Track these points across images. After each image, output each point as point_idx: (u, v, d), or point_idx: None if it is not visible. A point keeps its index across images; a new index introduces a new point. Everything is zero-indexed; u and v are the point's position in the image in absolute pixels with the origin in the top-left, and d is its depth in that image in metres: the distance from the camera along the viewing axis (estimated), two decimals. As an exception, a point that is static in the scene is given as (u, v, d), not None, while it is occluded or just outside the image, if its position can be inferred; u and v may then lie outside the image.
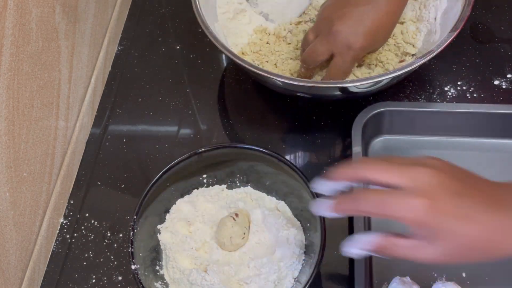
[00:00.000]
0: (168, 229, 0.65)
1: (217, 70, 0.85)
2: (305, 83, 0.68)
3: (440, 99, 0.77)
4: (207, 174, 0.68)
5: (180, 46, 0.88)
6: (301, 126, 0.77)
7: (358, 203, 0.47)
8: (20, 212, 0.64)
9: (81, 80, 0.78)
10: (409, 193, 0.45)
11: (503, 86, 0.78)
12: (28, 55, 0.63)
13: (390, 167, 0.47)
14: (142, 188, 0.64)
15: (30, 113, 0.64)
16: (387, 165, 0.47)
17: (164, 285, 0.62)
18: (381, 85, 0.69)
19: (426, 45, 0.75)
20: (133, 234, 0.61)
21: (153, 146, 0.78)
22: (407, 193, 0.45)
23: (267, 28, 0.81)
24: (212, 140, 0.78)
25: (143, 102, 0.82)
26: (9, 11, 0.58)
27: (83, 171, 0.77)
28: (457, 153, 0.73)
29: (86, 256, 0.69)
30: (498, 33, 0.84)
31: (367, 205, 0.47)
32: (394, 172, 0.46)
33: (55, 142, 0.71)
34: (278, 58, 0.78)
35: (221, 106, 0.81)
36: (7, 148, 0.60)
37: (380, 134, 0.75)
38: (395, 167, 0.47)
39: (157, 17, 0.92)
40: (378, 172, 0.47)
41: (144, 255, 0.62)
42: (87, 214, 0.73)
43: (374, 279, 0.64)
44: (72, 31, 0.74)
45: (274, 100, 0.80)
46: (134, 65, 0.87)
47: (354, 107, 0.74)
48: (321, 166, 0.73)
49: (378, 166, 0.47)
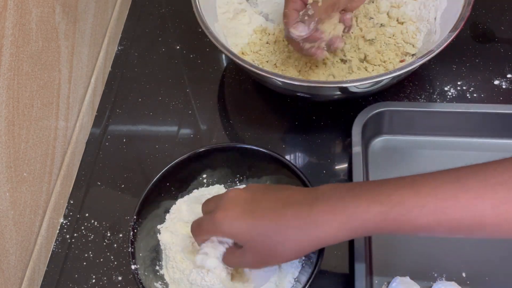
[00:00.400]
0: (168, 229, 0.65)
1: (217, 70, 0.85)
2: (305, 83, 0.68)
3: (440, 99, 0.77)
4: (207, 174, 0.68)
5: (180, 46, 0.88)
6: (301, 126, 0.77)
7: (193, 234, 0.59)
8: (20, 212, 0.64)
9: (81, 80, 0.78)
10: (213, 212, 0.55)
11: (503, 86, 0.78)
12: (28, 55, 0.63)
13: (201, 220, 0.58)
14: (142, 188, 0.64)
15: (30, 113, 0.64)
16: (198, 222, 0.58)
17: (164, 285, 0.62)
18: (381, 85, 0.69)
19: (426, 45, 0.75)
20: (133, 234, 0.61)
21: (153, 146, 0.78)
22: (212, 213, 0.55)
23: (267, 28, 0.81)
24: (212, 140, 0.78)
25: (143, 102, 0.82)
26: (9, 11, 0.58)
27: (83, 171, 0.77)
28: (457, 153, 0.73)
29: (86, 256, 0.69)
30: (498, 33, 0.84)
31: (193, 233, 0.58)
32: (203, 222, 0.57)
33: (55, 142, 0.71)
34: (278, 58, 0.78)
35: (221, 106, 0.81)
36: (7, 148, 0.60)
37: (380, 134, 0.75)
38: (203, 218, 0.58)
39: (157, 17, 0.92)
40: (198, 234, 0.58)
41: (144, 255, 0.62)
42: (87, 214, 0.73)
43: (374, 279, 0.64)
44: (72, 31, 0.74)
45: (274, 100, 0.80)
46: (134, 65, 0.87)
47: (354, 107, 0.74)
48: (321, 166, 0.73)
49: (194, 227, 0.58)
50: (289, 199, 0.53)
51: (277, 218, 0.52)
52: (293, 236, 0.52)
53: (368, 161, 0.73)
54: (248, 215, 0.53)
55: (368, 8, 0.81)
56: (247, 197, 0.55)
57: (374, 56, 0.76)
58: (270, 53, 0.78)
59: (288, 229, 0.51)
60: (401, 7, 0.80)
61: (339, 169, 0.73)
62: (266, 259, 0.54)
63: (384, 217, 0.48)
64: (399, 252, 0.66)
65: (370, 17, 0.80)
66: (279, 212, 0.52)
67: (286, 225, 0.52)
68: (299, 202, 0.52)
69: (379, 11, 0.81)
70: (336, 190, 0.52)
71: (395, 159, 0.74)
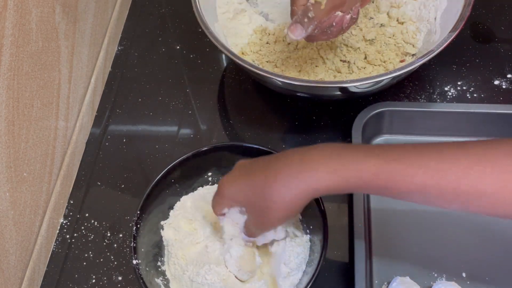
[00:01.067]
0: (172, 226, 0.65)
1: (217, 70, 0.85)
2: (305, 83, 0.68)
3: (440, 99, 0.77)
4: (212, 172, 0.68)
5: (180, 46, 0.88)
6: (301, 126, 0.77)
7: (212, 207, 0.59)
8: (20, 212, 0.64)
9: (81, 80, 0.78)
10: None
11: (503, 86, 0.78)
12: (28, 55, 0.63)
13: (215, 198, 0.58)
14: (142, 188, 0.64)
15: (30, 113, 0.64)
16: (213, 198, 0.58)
17: (165, 281, 0.62)
18: (381, 85, 0.69)
19: (426, 45, 0.75)
20: (136, 230, 0.61)
21: (153, 146, 0.78)
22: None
23: (267, 28, 0.81)
24: (212, 140, 0.78)
25: (143, 102, 0.82)
26: (9, 11, 0.58)
27: (83, 171, 0.77)
28: (457, 153, 0.73)
29: (86, 256, 0.69)
30: (498, 33, 0.84)
31: (212, 206, 0.58)
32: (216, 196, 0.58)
33: (55, 142, 0.71)
34: (278, 58, 0.78)
35: (221, 106, 0.81)
36: (7, 148, 0.60)
37: (380, 134, 0.75)
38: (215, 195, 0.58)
39: (157, 17, 0.92)
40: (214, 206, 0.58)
41: (146, 250, 0.62)
42: (87, 214, 0.73)
43: (374, 279, 0.64)
44: (72, 31, 0.74)
45: (274, 100, 0.80)
46: (134, 65, 0.87)
47: (354, 107, 0.74)
48: (321, 166, 0.73)
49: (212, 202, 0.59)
50: (283, 155, 0.53)
51: (268, 172, 0.52)
52: (283, 186, 0.50)
53: (368, 161, 0.73)
54: (244, 176, 0.55)
55: (368, 8, 0.81)
56: (248, 162, 0.56)
57: (374, 56, 0.76)
58: (270, 53, 0.78)
59: (277, 180, 0.51)
60: (401, 7, 0.80)
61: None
62: (263, 218, 0.54)
63: (379, 170, 0.47)
64: (400, 252, 0.66)
65: (370, 17, 0.81)
66: (270, 166, 0.52)
67: (276, 177, 0.51)
68: (292, 153, 0.52)
69: (379, 11, 0.81)
70: (331, 145, 0.51)
71: (395, 159, 0.74)
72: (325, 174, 0.49)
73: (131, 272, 0.67)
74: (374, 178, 0.47)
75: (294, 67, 0.76)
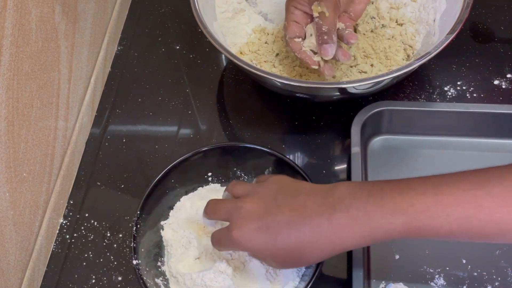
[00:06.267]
0: (171, 226, 0.65)
1: (217, 70, 0.85)
2: (304, 84, 0.68)
3: (440, 99, 0.77)
4: (212, 172, 0.69)
5: (180, 46, 0.88)
6: (300, 126, 0.77)
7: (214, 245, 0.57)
8: (20, 212, 0.64)
9: (81, 80, 0.78)
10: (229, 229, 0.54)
11: (503, 86, 0.78)
12: (28, 55, 0.63)
13: (219, 206, 0.57)
14: (142, 188, 0.64)
15: (29, 113, 0.64)
16: (217, 205, 0.58)
17: (165, 281, 0.62)
18: (380, 86, 0.69)
19: (425, 47, 0.75)
20: (136, 230, 0.61)
21: (153, 146, 0.78)
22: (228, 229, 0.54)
23: (266, 28, 0.81)
24: (212, 140, 0.78)
25: (143, 102, 0.83)
26: (9, 11, 0.58)
27: (83, 171, 0.77)
28: (457, 153, 0.73)
29: (86, 256, 0.69)
30: (498, 33, 0.84)
31: (214, 245, 0.57)
32: (220, 211, 0.57)
33: (55, 142, 0.71)
34: (276, 58, 0.78)
35: (220, 106, 0.81)
36: (7, 148, 0.60)
37: (379, 134, 0.75)
38: (221, 206, 0.57)
39: (157, 17, 0.92)
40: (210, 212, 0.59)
41: (146, 250, 0.62)
42: (87, 214, 0.73)
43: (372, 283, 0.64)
44: (72, 31, 0.74)
45: (273, 100, 0.80)
46: (134, 65, 0.87)
47: (354, 107, 0.74)
48: (320, 166, 0.73)
49: (211, 207, 0.58)
50: (305, 210, 0.52)
51: (296, 234, 0.51)
52: (315, 247, 0.52)
53: (367, 161, 0.73)
54: (263, 231, 0.52)
55: (368, 9, 0.81)
56: (261, 211, 0.53)
57: (373, 57, 0.76)
58: (269, 53, 0.78)
59: (308, 243, 0.51)
60: (401, 9, 0.80)
61: (338, 169, 0.73)
62: (292, 264, 0.56)
63: (408, 227, 0.48)
64: (397, 256, 0.65)
65: (371, 16, 0.80)
66: (296, 227, 0.51)
67: (306, 240, 0.51)
68: (316, 213, 0.51)
69: (378, 13, 0.80)
70: (355, 196, 0.50)
71: (394, 159, 0.74)
72: (354, 240, 0.51)
73: (131, 272, 0.67)
74: (403, 233, 0.49)
75: (293, 67, 0.76)
